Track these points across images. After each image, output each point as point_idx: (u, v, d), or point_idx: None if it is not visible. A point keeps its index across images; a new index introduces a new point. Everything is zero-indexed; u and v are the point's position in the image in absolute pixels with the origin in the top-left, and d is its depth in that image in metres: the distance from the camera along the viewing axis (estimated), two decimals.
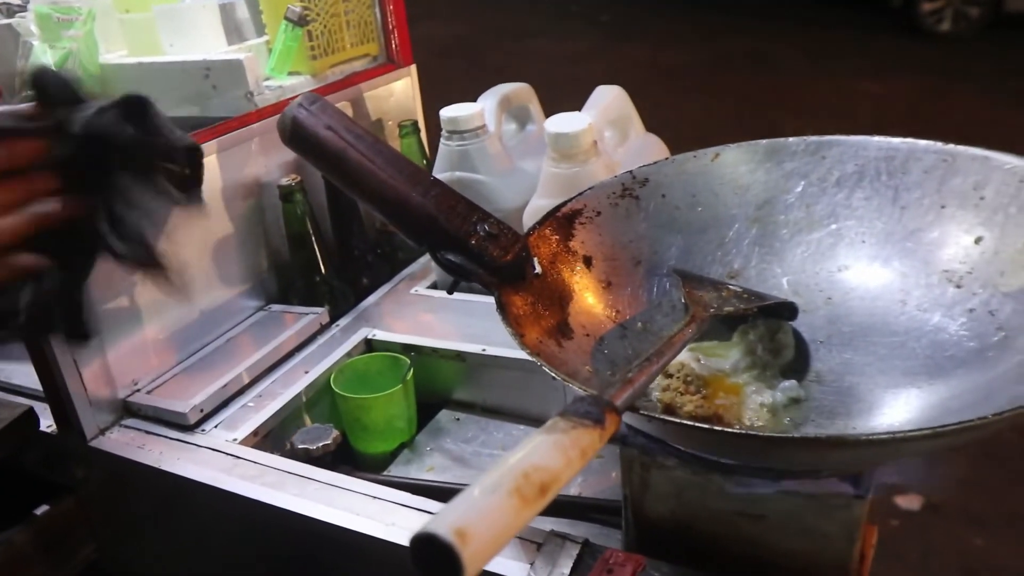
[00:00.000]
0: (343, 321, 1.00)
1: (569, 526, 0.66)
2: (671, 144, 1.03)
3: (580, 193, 0.73)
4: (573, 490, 0.75)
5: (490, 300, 0.63)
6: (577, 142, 0.84)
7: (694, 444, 0.55)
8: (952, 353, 0.59)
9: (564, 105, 0.94)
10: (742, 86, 4.71)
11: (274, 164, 1.01)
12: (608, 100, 1.03)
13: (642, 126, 1.07)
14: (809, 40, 5.49)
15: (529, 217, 0.89)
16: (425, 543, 0.33)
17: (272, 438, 0.84)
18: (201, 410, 0.83)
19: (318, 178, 1.02)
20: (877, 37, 5.39)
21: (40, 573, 0.85)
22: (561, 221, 0.71)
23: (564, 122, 0.86)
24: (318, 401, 0.90)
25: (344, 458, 0.83)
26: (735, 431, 0.56)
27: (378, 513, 0.68)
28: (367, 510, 0.68)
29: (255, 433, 0.82)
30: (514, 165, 1.01)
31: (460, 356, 0.91)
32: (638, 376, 0.49)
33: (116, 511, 0.90)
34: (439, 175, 0.98)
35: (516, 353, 0.78)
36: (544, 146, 0.87)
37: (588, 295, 0.69)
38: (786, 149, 0.72)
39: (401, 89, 1.21)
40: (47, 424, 0.86)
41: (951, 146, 0.65)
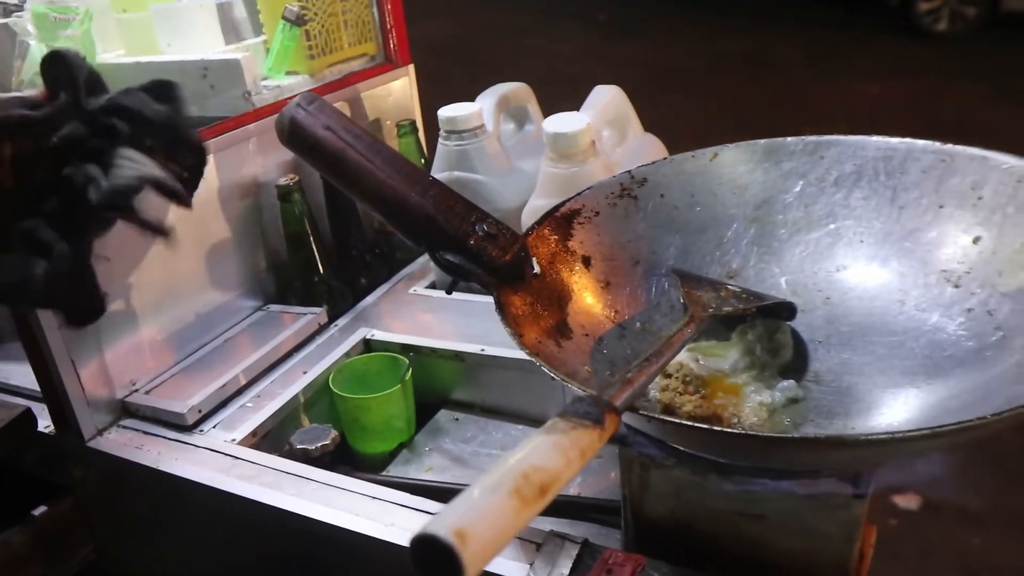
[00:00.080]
0: (341, 321, 1.00)
1: (568, 526, 0.66)
2: (669, 144, 1.03)
3: (578, 193, 0.73)
4: (572, 490, 0.75)
5: (489, 300, 0.63)
6: (575, 142, 0.84)
7: (693, 444, 0.55)
8: (950, 353, 0.59)
9: (562, 105, 0.94)
10: (740, 86, 4.71)
11: (272, 164, 1.01)
12: (606, 100, 1.03)
13: (640, 126, 1.07)
14: (808, 40, 5.49)
15: (527, 217, 0.89)
16: (425, 544, 0.33)
17: (271, 438, 0.84)
18: (199, 410, 0.83)
19: (316, 178, 1.02)
20: (875, 37, 5.39)
21: (38, 573, 0.85)
22: (560, 221, 0.71)
23: (562, 122, 0.85)
24: (316, 401, 0.90)
25: (343, 458, 0.83)
26: (734, 431, 0.56)
27: (377, 513, 0.67)
28: (366, 510, 0.68)
29: (253, 433, 0.82)
30: (512, 165, 1.01)
31: (459, 356, 0.91)
32: (637, 376, 0.49)
33: (114, 511, 0.89)
34: (437, 175, 0.98)
35: (515, 353, 0.78)
36: (542, 146, 0.87)
37: (587, 295, 0.69)
38: (784, 149, 0.72)
39: (399, 89, 1.21)
40: (45, 424, 0.86)
41: (949, 146, 0.65)
